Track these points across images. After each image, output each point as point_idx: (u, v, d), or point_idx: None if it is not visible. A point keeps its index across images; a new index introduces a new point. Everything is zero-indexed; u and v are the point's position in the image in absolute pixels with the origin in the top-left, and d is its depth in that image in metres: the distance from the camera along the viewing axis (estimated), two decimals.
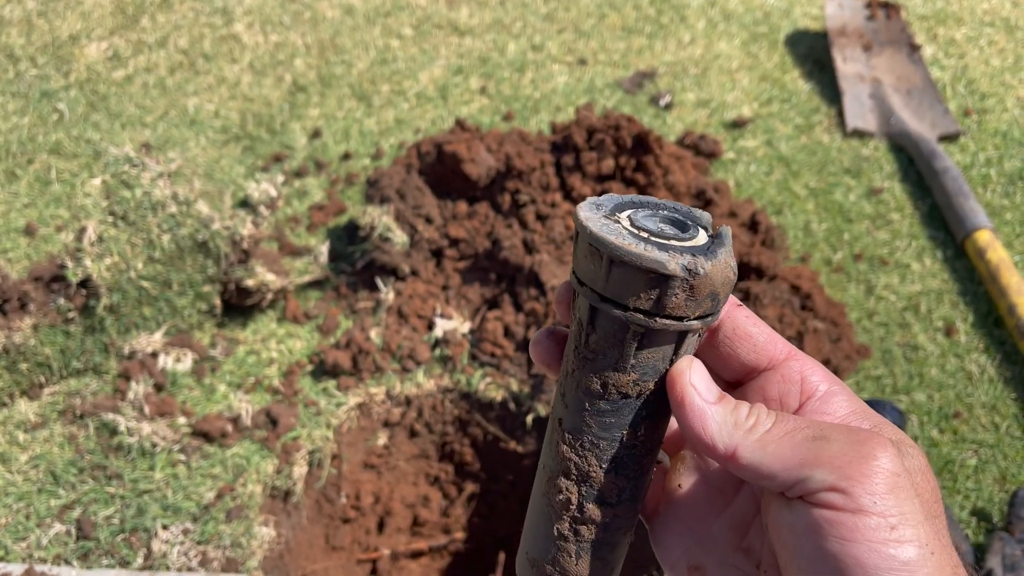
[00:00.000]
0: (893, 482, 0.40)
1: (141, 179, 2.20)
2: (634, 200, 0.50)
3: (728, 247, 0.45)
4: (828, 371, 0.49)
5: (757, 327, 0.50)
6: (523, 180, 2.26)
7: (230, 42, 3.24)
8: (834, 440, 0.42)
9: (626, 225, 0.46)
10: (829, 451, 0.41)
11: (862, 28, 3.24)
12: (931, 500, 0.44)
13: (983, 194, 2.60)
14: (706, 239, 0.46)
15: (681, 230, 0.46)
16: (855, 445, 0.41)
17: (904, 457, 0.43)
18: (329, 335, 2.18)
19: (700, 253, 0.44)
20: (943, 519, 0.44)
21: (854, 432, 0.42)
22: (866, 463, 0.40)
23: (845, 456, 0.41)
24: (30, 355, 1.99)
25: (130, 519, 1.78)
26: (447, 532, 2.23)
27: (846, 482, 0.40)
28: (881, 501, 0.40)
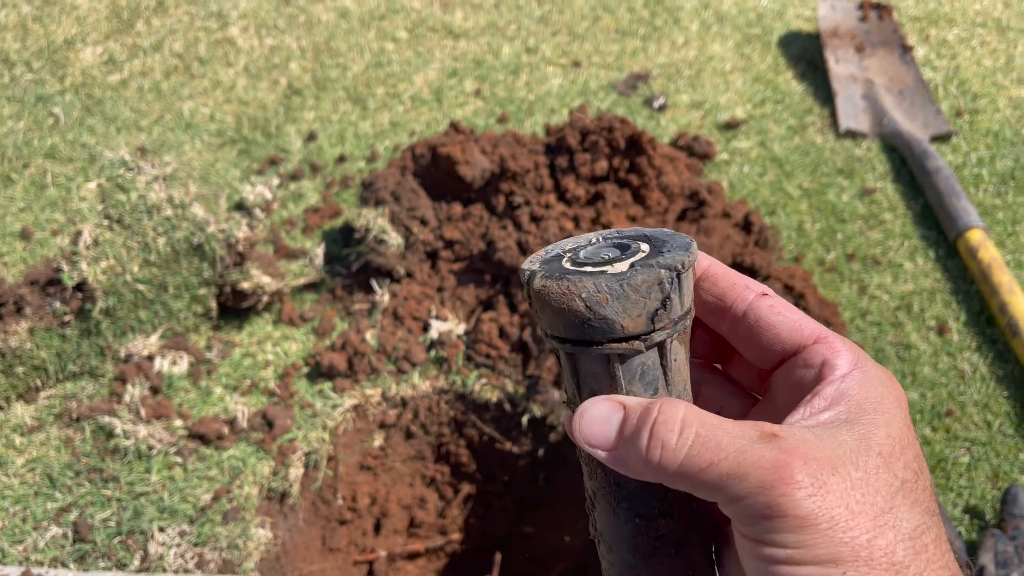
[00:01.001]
0: (798, 524, 0.41)
1: (136, 183, 2.21)
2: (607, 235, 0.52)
3: (646, 270, 0.45)
4: (858, 352, 0.49)
5: (780, 315, 0.50)
6: (517, 182, 2.27)
7: (225, 46, 3.25)
8: (748, 480, 0.42)
9: (564, 263, 0.48)
10: (743, 492, 0.42)
11: (854, 29, 3.26)
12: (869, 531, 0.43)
13: (975, 194, 2.62)
14: (636, 259, 0.47)
15: (621, 252, 0.48)
16: (766, 492, 0.42)
17: (834, 469, 0.42)
18: (325, 337, 2.19)
19: (601, 275, 0.45)
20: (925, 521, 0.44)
21: (770, 470, 0.42)
22: (774, 510, 0.41)
23: (757, 501, 0.42)
24: (26, 359, 1.99)
25: (127, 521, 1.79)
26: (444, 533, 2.24)
27: (746, 525, 0.43)
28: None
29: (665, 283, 0.45)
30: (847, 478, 0.42)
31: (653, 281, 0.45)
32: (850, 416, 0.45)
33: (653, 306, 0.45)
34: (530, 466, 2.15)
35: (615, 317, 0.45)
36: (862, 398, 0.46)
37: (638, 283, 0.45)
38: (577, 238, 0.52)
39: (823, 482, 0.41)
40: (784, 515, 0.41)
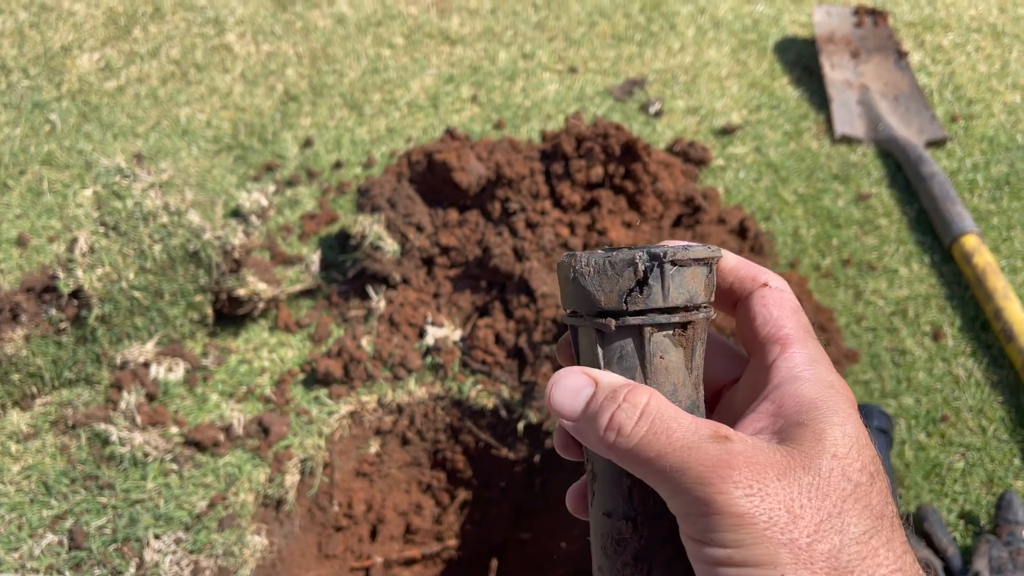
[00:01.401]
0: (731, 522, 0.42)
1: (132, 190, 2.21)
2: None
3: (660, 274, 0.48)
4: (811, 354, 0.49)
5: (766, 308, 0.52)
6: (513, 188, 2.28)
7: (222, 52, 3.25)
8: (689, 474, 0.43)
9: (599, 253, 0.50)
10: (683, 485, 0.43)
11: (850, 35, 3.27)
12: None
13: (970, 199, 2.62)
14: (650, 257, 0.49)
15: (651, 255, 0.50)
16: (703, 487, 0.43)
17: (781, 474, 0.43)
18: (321, 344, 2.19)
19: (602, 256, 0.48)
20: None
21: (711, 468, 0.43)
22: (708, 506, 0.42)
23: (693, 495, 0.43)
24: (22, 366, 1.99)
25: (122, 529, 1.79)
26: (440, 539, 2.24)
27: (684, 521, 0.44)
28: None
29: (639, 264, 0.47)
30: (794, 483, 0.42)
31: (628, 260, 0.47)
32: (803, 419, 0.46)
33: (626, 285, 0.47)
34: (526, 472, 2.15)
35: (592, 289, 0.48)
36: (814, 399, 0.47)
37: (615, 260, 0.47)
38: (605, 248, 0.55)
39: (763, 485, 0.42)
40: (720, 512, 0.41)
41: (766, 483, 0.42)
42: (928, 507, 1.84)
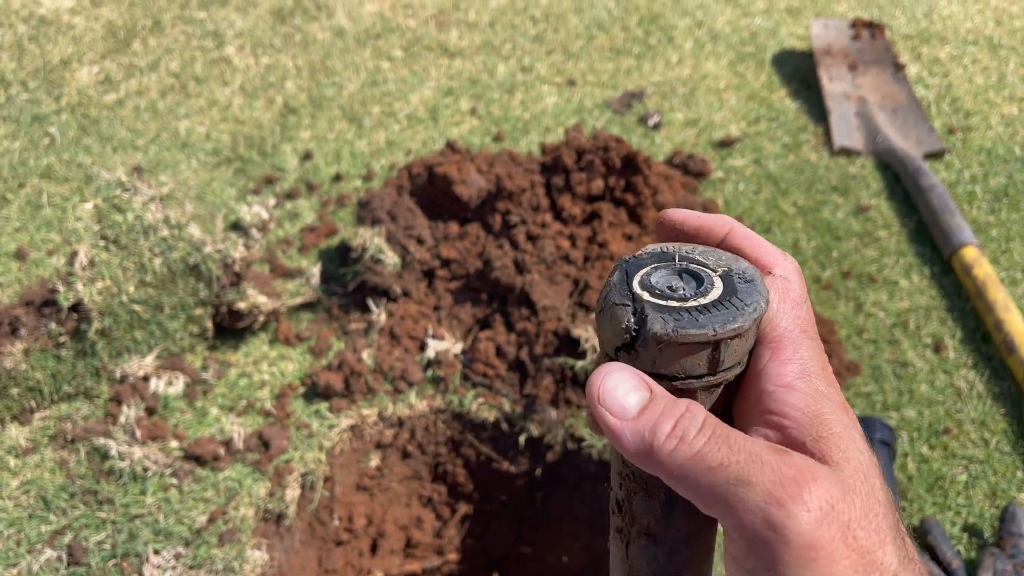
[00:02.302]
0: (800, 555, 0.38)
1: (133, 203, 2.21)
2: (664, 253, 0.50)
3: (730, 313, 0.44)
4: (807, 362, 0.45)
5: (772, 300, 0.47)
6: (513, 201, 2.28)
7: (221, 65, 3.26)
8: (755, 488, 0.39)
9: (634, 283, 0.47)
10: (747, 502, 0.39)
11: (847, 48, 3.28)
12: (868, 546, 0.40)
13: (969, 211, 2.63)
14: (704, 302, 0.46)
15: (697, 286, 0.47)
16: (773, 504, 0.38)
17: (843, 503, 0.40)
18: (321, 357, 2.19)
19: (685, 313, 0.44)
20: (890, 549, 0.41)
21: (779, 484, 0.39)
22: (777, 531, 0.38)
23: (758, 516, 0.39)
24: (21, 380, 1.98)
25: (122, 544, 1.78)
26: (440, 553, 2.23)
27: (740, 546, 0.40)
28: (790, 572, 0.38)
29: (623, 329, 0.45)
30: (853, 507, 0.39)
31: (619, 318, 0.45)
32: (818, 433, 0.42)
33: (618, 340, 0.46)
34: (527, 486, 2.14)
35: (597, 325, 0.48)
36: (819, 411, 0.43)
37: (611, 309, 0.46)
38: (677, 249, 0.50)
39: (831, 507, 0.39)
40: (787, 540, 0.38)
41: (833, 505, 0.39)
42: (931, 520, 1.84)
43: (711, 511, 0.41)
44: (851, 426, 0.43)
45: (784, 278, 0.48)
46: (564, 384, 2.05)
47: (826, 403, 0.43)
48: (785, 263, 0.49)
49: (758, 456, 0.40)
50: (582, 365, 2.02)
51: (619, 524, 0.52)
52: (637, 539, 0.51)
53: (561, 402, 2.05)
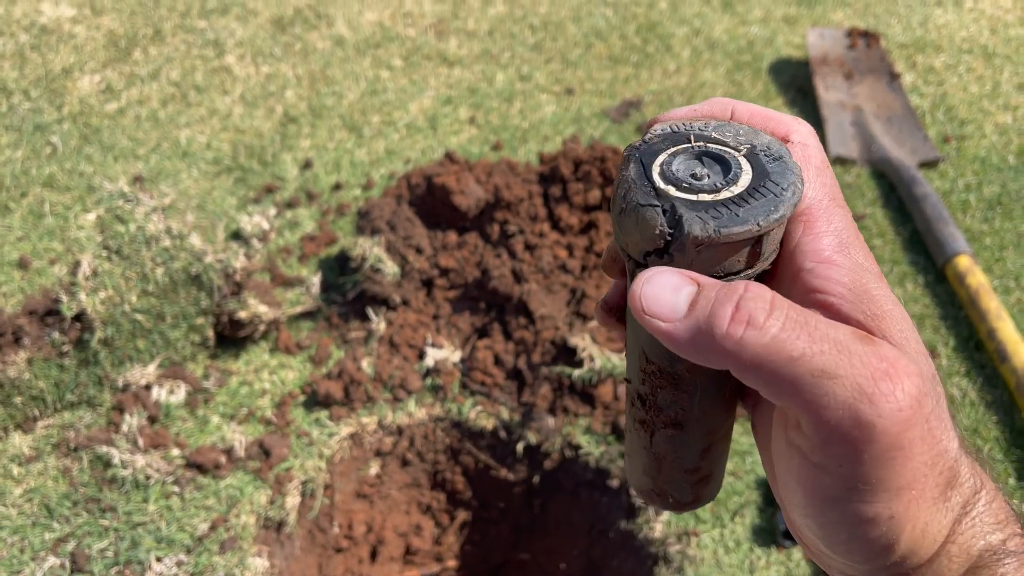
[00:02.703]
0: (883, 454, 0.35)
1: (135, 214, 2.23)
2: (677, 132, 0.45)
3: (766, 202, 0.40)
4: (842, 233, 0.41)
5: None
6: (512, 211, 2.30)
7: (222, 74, 3.28)
8: (843, 382, 0.35)
9: (654, 175, 0.42)
10: (835, 397, 0.35)
11: (843, 57, 3.31)
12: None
13: (963, 219, 2.65)
14: (737, 191, 0.41)
15: (724, 172, 0.42)
16: (863, 400, 0.34)
17: (924, 394, 0.36)
18: (321, 365, 2.21)
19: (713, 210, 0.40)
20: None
21: (870, 378, 0.35)
22: (863, 429, 0.35)
23: (846, 413, 0.35)
24: (24, 389, 2.01)
25: (124, 552, 1.80)
26: (439, 560, 2.25)
27: (816, 443, 0.36)
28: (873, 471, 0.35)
29: (657, 232, 0.41)
30: (930, 398, 0.36)
31: (650, 225, 0.41)
32: (871, 311, 0.38)
33: (647, 244, 0.42)
34: (525, 493, 2.17)
35: (617, 227, 0.43)
36: (864, 288, 0.39)
37: (641, 211, 0.41)
38: (690, 126, 0.45)
39: (919, 403, 0.35)
40: (871, 440, 0.34)
41: (920, 400, 0.35)
42: None
43: (785, 402, 0.36)
44: (894, 300, 0.39)
45: (803, 144, 0.44)
46: (561, 392, 2.08)
47: (869, 277, 0.40)
48: (800, 127, 0.45)
49: (845, 345, 0.35)
50: (579, 374, 2.05)
51: (642, 416, 0.49)
52: (663, 429, 0.49)
53: (559, 410, 2.07)
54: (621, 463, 1.99)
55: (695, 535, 1.87)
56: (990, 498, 0.39)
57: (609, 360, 2.06)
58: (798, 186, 0.41)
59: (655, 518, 1.91)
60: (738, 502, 1.92)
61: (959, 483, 0.38)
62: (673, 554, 1.86)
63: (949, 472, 0.37)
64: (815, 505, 0.38)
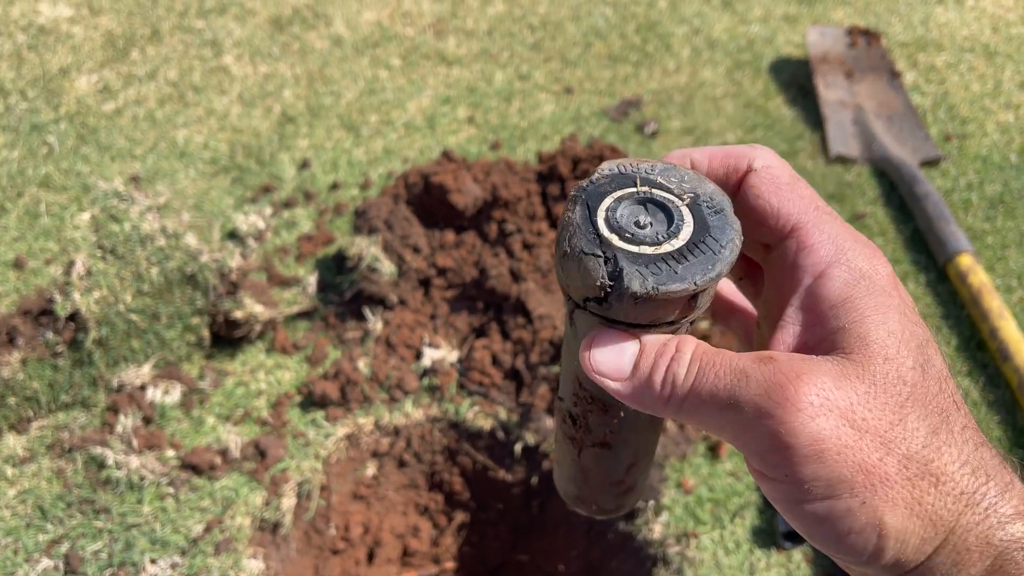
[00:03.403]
0: (808, 453, 0.38)
1: (130, 213, 2.21)
2: (623, 175, 0.46)
3: (705, 258, 0.42)
4: (836, 240, 0.43)
5: (761, 198, 0.45)
6: (510, 210, 2.29)
7: (219, 74, 3.27)
8: (745, 407, 0.39)
9: (599, 222, 0.43)
10: (742, 422, 0.39)
11: (843, 55, 3.29)
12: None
13: (964, 218, 2.64)
14: (677, 245, 0.43)
15: (667, 222, 0.43)
16: (763, 417, 0.38)
17: (841, 389, 0.39)
18: (317, 366, 2.19)
19: (658, 263, 0.41)
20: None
21: (765, 395, 0.39)
22: (777, 440, 0.38)
23: (756, 432, 0.39)
24: (18, 389, 1.99)
25: (118, 553, 1.78)
26: (437, 562, 2.23)
27: (755, 461, 0.40)
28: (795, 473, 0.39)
29: (602, 287, 0.42)
30: (851, 392, 0.38)
31: (592, 275, 0.42)
32: (840, 323, 0.41)
33: (587, 291, 0.43)
34: (524, 494, 2.15)
35: (560, 271, 0.45)
36: (846, 296, 0.41)
37: (584, 259, 0.42)
38: (636, 168, 0.46)
39: (825, 399, 0.38)
40: (790, 445, 0.38)
41: (827, 395, 0.38)
42: None
43: (721, 437, 0.41)
44: (886, 305, 0.41)
45: (766, 167, 0.46)
46: None
47: (861, 284, 0.41)
48: (759, 152, 0.47)
49: (742, 373, 0.39)
50: None
51: (572, 433, 0.52)
52: (591, 448, 0.51)
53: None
54: None
55: (694, 536, 1.85)
56: (1001, 489, 0.39)
57: None
58: (736, 243, 0.42)
59: (654, 519, 1.89)
60: (738, 503, 1.91)
61: (940, 472, 0.39)
62: (672, 555, 1.84)
63: (916, 462, 0.38)
64: (798, 520, 0.40)
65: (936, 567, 0.39)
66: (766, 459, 0.39)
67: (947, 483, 0.39)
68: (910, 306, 0.42)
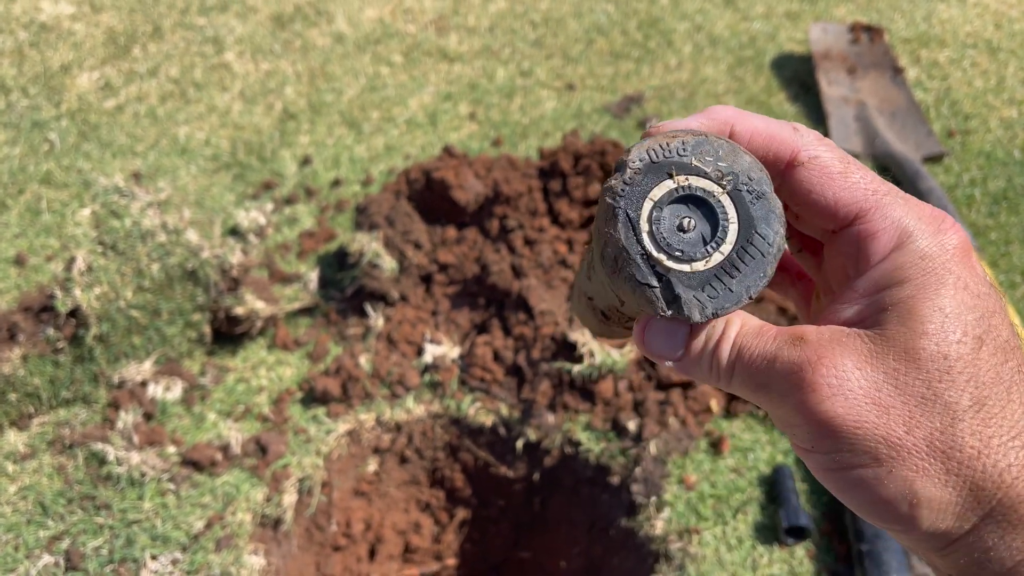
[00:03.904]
0: (827, 434, 0.40)
1: (131, 209, 2.21)
2: (670, 172, 0.44)
3: (743, 279, 0.42)
4: (902, 223, 0.42)
5: (814, 193, 0.44)
6: (511, 205, 2.28)
7: (221, 71, 3.26)
8: (774, 390, 0.42)
9: (644, 238, 0.43)
10: (773, 402, 0.42)
11: (846, 52, 3.28)
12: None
13: (967, 214, 2.63)
14: (726, 251, 0.43)
15: (711, 234, 0.43)
16: (788, 402, 0.41)
17: (871, 365, 0.40)
18: (319, 362, 2.19)
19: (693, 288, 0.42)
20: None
21: (787, 379, 0.41)
22: (801, 419, 0.41)
23: (783, 412, 0.42)
24: (19, 385, 1.99)
25: (119, 549, 1.78)
26: (439, 558, 2.23)
27: (788, 434, 0.43)
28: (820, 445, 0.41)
29: (655, 304, 0.43)
30: (878, 370, 0.39)
31: (650, 303, 0.43)
32: (889, 300, 0.41)
33: (644, 307, 0.44)
34: (525, 490, 2.14)
35: (614, 292, 0.47)
36: (902, 278, 0.41)
37: (640, 293, 0.43)
38: (669, 154, 0.44)
39: (842, 382, 0.39)
40: (809, 422, 0.40)
41: (846, 377, 0.40)
42: None
43: (764, 405, 0.44)
44: (939, 281, 0.40)
45: (813, 158, 0.44)
46: (561, 388, 2.05)
47: (919, 266, 0.41)
48: (802, 140, 0.45)
49: (772, 357, 0.42)
50: (579, 370, 2.02)
51: (603, 314, 0.55)
52: (625, 323, 0.54)
53: (559, 406, 2.05)
54: (622, 459, 1.97)
55: (697, 533, 1.85)
56: None
57: (609, 356, 2.03)
58: (782, 234, 0.43)
59: (656, 515, 1.89)
60: (740, 499, 1.90)
61: (982, 444, 0.39)
62: (674, 552, 1.83)
63: (951, 434, 0.39)
64: (837, 488, 0.42)
65: (983, 538, 0.39)
66: (795, 433, 0.42)
67: (990, 455, 0.39)
68: (977, 278, 0.41)
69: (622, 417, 1.99)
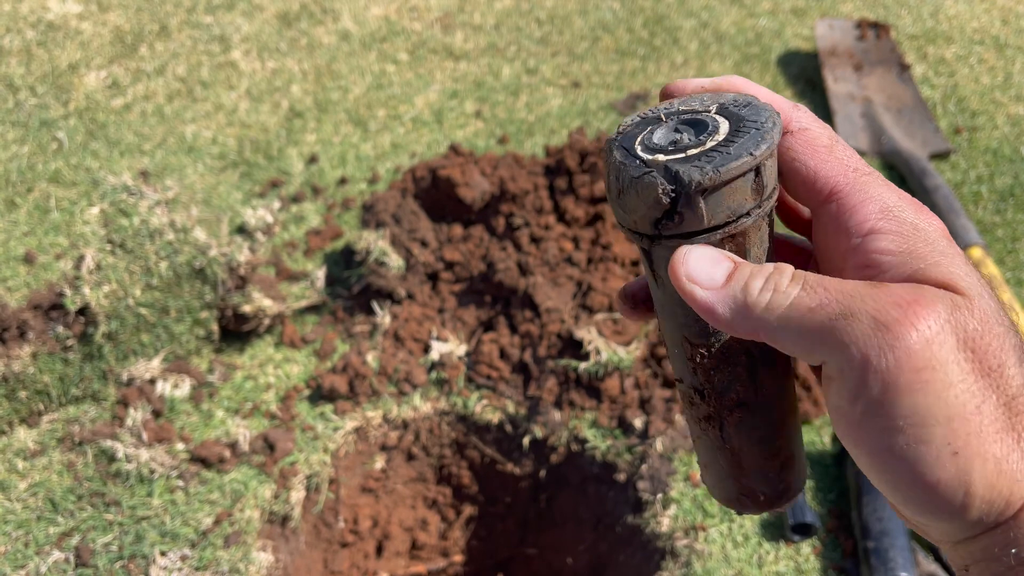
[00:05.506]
0: (914, 378, 0.35)
1: (139, 207, 2.22)
2: (666, 112, 0.45)
3: (738, 147, 0.41)
4: (881, 198, 0.41)
5: (797, 161, 0.43)
6: (517, 203, 2.28)
7: (227, 69, 3.27)
8: (858, 318, 0.36)
9: (639, 151, 0.43)
10: (852, 332, 0.36)
11: (852, 48, 3.28)
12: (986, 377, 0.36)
13: (974, 211, 2.62)
14: (720, 138, 0.42)
15: (698, 133, 0.43)
16: (880, 329, 0.35)
17: (957, 319, 0.36)
18: (326, 359, 2.20)
19: (689, 162, 0.41)
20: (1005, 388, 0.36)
21: (883, 310, 0.36)
22: (885, 356, 0.35)
23: (864, 345, 0.36)
24: (29, 383, 2.00)
25: (128, 546, 1.79)
26: (445, 555, 2.24)
27: (849, 386, 0.37)
28: (894, 402, 0.36)
29: (662, 197, 0.41)
30: (968, 320, 0.36)
31: (649, 187, 0.41)
32: (918, 265, 0.39)
33: (654, 213, 0.42)
34: (532, 487, 2.15)
35: (620, 209, 0.44)
36: (908, 250, 0.39)
37: (640, 183, 0.42)
38: (659, 108, 0.46)
39: (945, 322, 0.35)
40: (896, 366, 0.35)
41: (947, 320, 0.35)
42: None
43: (815, 355, 0.38)
44: (952, 253, 0.39)
45: (803, 129, 0.44)
46: (568, 386, 2.06)
47: (918, 235, 0.40)
48: (798, 113, 0.44)
49: (857, 292, 0.37)
50: (586, 367, 2.03)
51: (706, 412, 0.49)
52: (731, 415, 0.48)
53: (565, 404, 2.05)
54: (628, 456, 1.97)
55: (703, 529, 1.85)
56: None
57: (615, 353, 2.04)
58: (776, 118, 0.42)
59: (662, 512, 1.89)
60: None
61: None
62: (680, 548, 1.84)
63: (1011, 412, 0.36)
64: (879, 463, 0.37)
65: (1021, 524, 0.37)
66: (864, 382, 0.36)
67: None
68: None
69: (628, 414, 1.99)
